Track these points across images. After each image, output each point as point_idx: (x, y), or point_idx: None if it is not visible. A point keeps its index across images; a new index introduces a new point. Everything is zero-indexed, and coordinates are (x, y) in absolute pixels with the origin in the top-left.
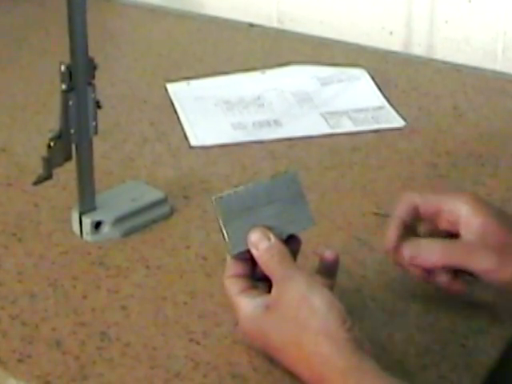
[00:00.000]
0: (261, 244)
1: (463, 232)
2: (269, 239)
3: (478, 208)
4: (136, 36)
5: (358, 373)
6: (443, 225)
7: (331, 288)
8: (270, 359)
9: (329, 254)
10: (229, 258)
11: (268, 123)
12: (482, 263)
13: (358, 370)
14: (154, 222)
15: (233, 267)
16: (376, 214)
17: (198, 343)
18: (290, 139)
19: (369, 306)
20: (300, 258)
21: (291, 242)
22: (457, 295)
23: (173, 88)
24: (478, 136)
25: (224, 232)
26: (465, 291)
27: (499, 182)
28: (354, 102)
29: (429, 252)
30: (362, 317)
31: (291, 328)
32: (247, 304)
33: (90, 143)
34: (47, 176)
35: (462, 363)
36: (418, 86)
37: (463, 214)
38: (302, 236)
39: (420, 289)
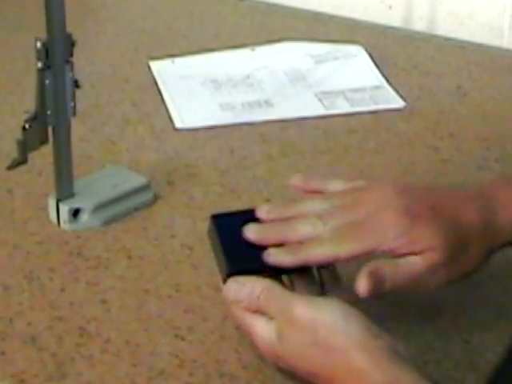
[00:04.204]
0: (241, 292)
1: None
2: (243, 284)
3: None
4: (117, 11)
5: None
6: None
7: (340, 294)
8: (259, 356)
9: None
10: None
11: (258, 104)
12: (393, 235)
13: (397, 382)
14: (137, 209)
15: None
16: None
17: (183, 339)
18: (281, 121)
19: (368, 301)
20: None
21: None
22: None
23: (156, 66)
24: (483, 117)
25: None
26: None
27: (506, 167)
28: (350, 81)
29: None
30: (362, 312)
31: (315, 353)
32: (262, 327)
33: (68, 125)
34: (22, 160)
35: (465, 360)
36: (418, 64)
37: None
38: None
39: None
